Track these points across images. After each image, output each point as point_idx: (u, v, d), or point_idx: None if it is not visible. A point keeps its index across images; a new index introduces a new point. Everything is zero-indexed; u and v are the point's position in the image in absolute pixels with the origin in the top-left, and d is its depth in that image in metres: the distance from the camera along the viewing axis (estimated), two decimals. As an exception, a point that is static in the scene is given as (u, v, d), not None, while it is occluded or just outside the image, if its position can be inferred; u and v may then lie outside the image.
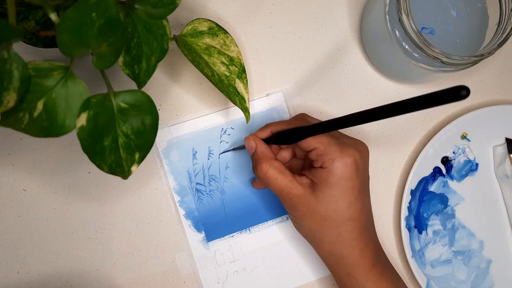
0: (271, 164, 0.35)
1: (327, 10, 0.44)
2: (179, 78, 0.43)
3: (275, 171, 0.35)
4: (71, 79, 0.28)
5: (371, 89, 0.43)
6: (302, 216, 0.35)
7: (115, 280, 0.42)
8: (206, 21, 0.37)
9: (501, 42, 0.34)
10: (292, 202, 0.35)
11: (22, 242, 0.42)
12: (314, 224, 0.35)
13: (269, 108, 0.43)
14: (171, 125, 0.42)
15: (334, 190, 0.33)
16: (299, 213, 0.35)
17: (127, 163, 0.32)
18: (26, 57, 0.27)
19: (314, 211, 0.34)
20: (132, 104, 0.31)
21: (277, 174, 0.35)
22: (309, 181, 0.35)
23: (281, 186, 0.35)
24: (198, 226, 0.42)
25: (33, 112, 0.28)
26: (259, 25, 0.43)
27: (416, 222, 0.42)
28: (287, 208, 0.36)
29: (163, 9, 0.32)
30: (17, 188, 0.42)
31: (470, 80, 0.44)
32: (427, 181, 0.42)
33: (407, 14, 0.33)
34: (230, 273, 0.42)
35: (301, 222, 0.35)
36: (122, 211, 0.42)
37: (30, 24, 0.35)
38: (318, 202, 0.34)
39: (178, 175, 0.42)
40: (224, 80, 0.38)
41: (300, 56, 0.43)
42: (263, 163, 0.35)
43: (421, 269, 0.42)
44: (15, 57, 0.26)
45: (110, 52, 0.29)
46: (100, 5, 0.26)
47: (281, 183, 0.35)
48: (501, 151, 0.43)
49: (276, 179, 0.35)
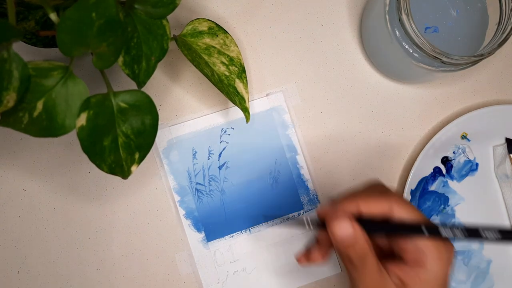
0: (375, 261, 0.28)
1: (327, 10, 0.44)
2: (179, 78, 0.43)
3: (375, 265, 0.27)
4: (71, 79, 0.29)
5: (371, 89, 0.43)
6: None
7: (115, 280, 0.42)
8: (206, 21, 0.37)
9: (501, 42, 0.34)
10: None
11: (22, 242, 0.42)
12: None
13: (269, 108, 0.43)
14: (171, 125, 0.42)
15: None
16: None
17: (127, 163, 0.32)
18: (26, 57, 0.27)
19: None
20: (132, 104, 0.31)
21: (375, 267, 0.28)
22: (397, 281, 0.28)
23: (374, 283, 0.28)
24: (198, 226, 0.42)
25: (33, 112, 0.28)
26: (259, 25, 0.43)
27: (416, 222, 0.42)
28: None
29: (163, 9, 0.32)
30: (17, 188, 0.42)
31: (470, 80, 0.44)
32: (427, 181, 0.42)
33: (407, 14, 0.33)
34: (230, 273, 0.42)
35: None
36: (122, 211, 0.42)
37: (30, 24, 0.35)
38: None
39: (178, 175, 0.42)
40: (224, 80, 0.38)
41: (300, 56, 0.43)
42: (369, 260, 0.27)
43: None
44: (15, 57, 0.26)
45: (110, 52, 0.29)
46: (99, 5, 0.26)
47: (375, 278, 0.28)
48: (501, 151, 0.43)
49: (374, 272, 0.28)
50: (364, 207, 0.28)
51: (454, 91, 0.44)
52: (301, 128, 0.43)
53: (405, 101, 0.44)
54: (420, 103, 0.44)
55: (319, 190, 0.43)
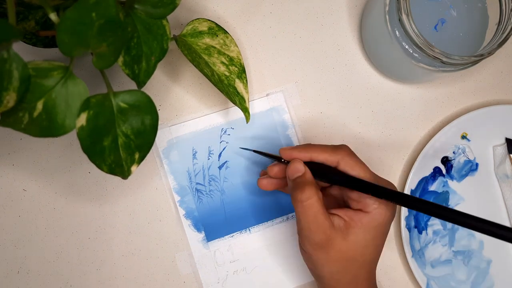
0: (319, 195, 0.32)
1: (327, 10, 0.43)
2: (179, 78, 0.43)
3: (320, 205, 0.32)
4: (71, 79, 0.28)
5: (371, 89, 0.43)
6: (327, 259, 0.32)
7: (115, 280, 0.42)
8: (206, 21, 0.37)
9: (501, 42, 0.34)
10: (322, 243, 0.32)
11: (22, 242, 0.42)
12: (336, 267, 0.32)
13: (269, 108, 0.43)
14: (171, 125, 0.42)
15: (369, 235, 0.32)
16: (324, 256, 0.32)
17: (127, 163, 0.32)
18: (26, 57, 0.27)
19: (342, 253, 0.32)
20: (132, 104, 0.31)
21: (320, 208, 0.32)
22: (342, 222, 0.32)
23: (318, 222, 0.31)
24: (198, 226, 0.42)
25: (33, 112, 0.28)
26: (259, 25, 0.43)
27: (416, 222, 0.42)
28: (312, 248, 0.32)
29: (163, 9, 0.32)
30: (17, 188, 0.42)
31: (470, 80, 0.44)
32: (427, 181, 0.42)
33: (407, 14, 0.33)
34: (230, 273, 0.42)
35: (323, 264, 0.33)
36: (122, 211, 0.42)
37: (30, 24, 0.35)
38: (349, 245, 0.32)
39: (178, 175, 0.42)
40: (224, 80, 0.38)
41: (300, 56, 0.43)
42: (311, 190, 0.32)
43: (421, 269, 0.42)
44: (15, 57, 0.26)
45: (110, 52, 0.29)
46: (99, 5, 0.26)
47: (319, 219, 0.31)
48: (501, 151, 0.43)
49: (317, 213, 0.31)
50: (315, 157, 0.34)
51: (454, 91, 0.44)
52: (301, 128, 0.43)
53: (405, 101, 0.44)
54: (420, 103, 0.44)
55: (319, 190, 0.43)
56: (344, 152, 0.33)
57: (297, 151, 0.34)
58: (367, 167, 0.33)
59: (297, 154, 0.34)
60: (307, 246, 0.33)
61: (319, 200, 0.32)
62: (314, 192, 0.32)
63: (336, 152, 0.33)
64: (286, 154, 0.35)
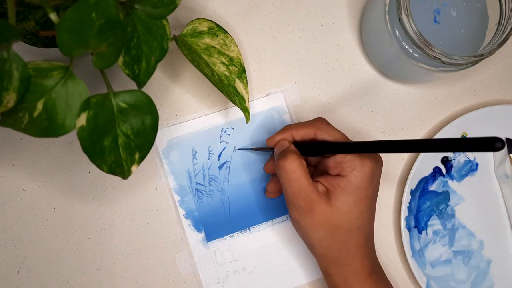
0: (301, 161, 0.34)
1: (327, 10, 0.43)
2: (179, 78, 0.43)
3: (302, 170, 0.33)
4: (71, 79, 0.28)
5: (371, 89, 0.43)
6: (313, 223, 0.34)
7: (115, 280, 0.42)
8: (206, 21, 0.37)
9: (501, 42, 0.34)
10: (307, 207, 0.33)
11: (22, 242, 0.42)
12: (324, 233, 0.34)
13: (269, 108, 0.43)
14: (171, 125, 0.42)
15: (350, 199, 0.33)
16: (311, 220, 0.34)
17: (127, 163, 0.32)
18: (26, 57, 0.27)
19: (327, 219, 0.33)
20: (132, 104, 0.31)
21: (303, 173, 0.33)
22: (324, 188, 0.34)
23: (301, 187, 0.33)
24: (198, 226, 0.42)
25: (33, 112, 0.28)
26: (259, 25, 0.43)
27: (416, 222, 0.42)
28: (298, 214, 0.34)
29: (163, 9, 0.32)
30: (17, 188, 0.42)
31: (470, 80, 0.44)
32: (427, 181, 0.42)
33: (407, 14, 0.33)
34: (230, 273, 0.42)
35: (311, 229, 0.34)
36: (122, 211, 0.42)
37: (30, 24, 0.35)
38: (333, 210, 0.33)
39: (178, 175, 0.42)
40: (224, 80, 0.38)
41: (300, 56, 0.43)
42: (293, 157, 0.34)
43: (421, 269, 0.42)
44: (15, 57, 0.26)
45: (110, 52, 0.29)
46: (99, 5, 0.26)
47: (303, 184, 0.33)
48: (501, 151, 0.43)
49: (300, 177, 0.33)
50: (295, 134, 0.37)
51: (454, 91, 0.44)
52: (301, 128, 0.43)
53: (405, 101, 0.44)
54: (420, 103, 0.44)
55: (319, 190, 0.43)
56: (319, 122, 0.36)
57: (278, 135, 0.37)
58: (342, 132, 0.36)
59: (279, 137, 0.37)
60: (294, 212, 0.34)
61: (301, 166, 0.34)
62: (296, 158, 0.34)
63: (312, 124, 0.36)
64: (271, 142, 0.37)
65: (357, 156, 0.33)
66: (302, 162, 0.34)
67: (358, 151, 0.33)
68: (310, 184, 0.33)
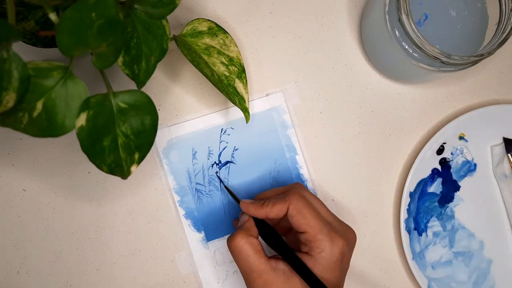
0: (249, 239, 0.33)
1: (327, 10, 0.43)
2: (179, 78, 0.43)
3: (251, 248, 0.32)
4: (71, 79, 0.28)
5: (371, 89, 0.43)
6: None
7: (115, 280, 0.42)
8: (205, 21, 0.37)
9: (501, 42, 0.34)
10: (257, 287, 0.32)
11: (22, 242, 0.42)
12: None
13: (269, 108, 0.43)
14: (171, 125, 0.42)
15: None
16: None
17: (126, 163, 0.32)
18: (25, 57, 0.27)
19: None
20: (132, 104, 0.31)
21: (252, 251, 0.32)
22: (285, 268, 0.32)
23: (251, 266, 0.32)
24: (197, 226, 0.42)
25: (33, 112, 0.28)
26: (259, 25, 0.43)
27: (416, 224, 0.42)
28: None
29: (162, 9, 0.32)
30: (17, 188, 0.42)
31: (470, 80, 0.44)
32: (426, 183, 0.42)
33: (407, 14, 0.33)
34: (229, 272, 0.42)
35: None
36: (122, 211, 0.42)
37: (30, 24, 0.35)
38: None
39: (178, 175, 0.42)
40: (224, 80, 0.38)
41: (300, 56, 0.43)
42: (240, 234, 0.33)
43: (422, 271, 0.42)
44: (14, 57, 0.26)
45: (109, 52, 0.29)
46: (99, 5, 0.26)
47: (253, 263, 0.32)
48: (499, 150, 0.43)
49: (248, 256, 0.32)
50: (270, 214, 0.34)
51: (453, 91, 0.44)
52: (300, 128, 0.43)
53: (405, 101, 0.44)
54: (420, 103, 0.44)
55: (318, 190, 0.43)
56: (293, 196, 0.34)
57: (253, 207, 0.35)
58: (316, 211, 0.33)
59: (253, 211, 0.35)
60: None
61: (250, 244, 0.32)
62: (244, 236, 0.33)
63: (285, 200, 0.34)
64: (244, 207, 0.35)
65: (327, 236, 0.32)
66: (251, 240, 0.33)
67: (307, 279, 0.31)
68: (262, 263, 0.32)
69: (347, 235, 0.34)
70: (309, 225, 0.32)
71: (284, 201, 0.34)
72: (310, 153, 0.43)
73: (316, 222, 0.33)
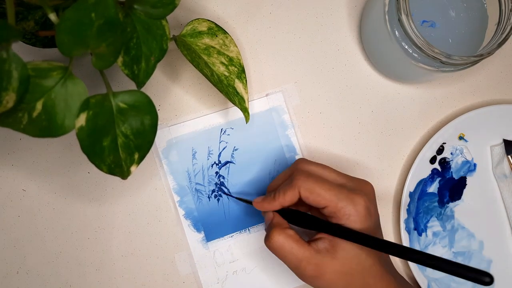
0: (285, 233, 0.33)
1: (326, 10, 0.43)
2: (179, 78, 0.43)
3: (291, 241, 0.33)
4: (70, 79, 0.28)
5: (370, 89, 0.43)
6: (327, 283, 0.33)
7: (115, 280, 0.42)
8: (205, 21, 0.37)
9: (500, 42, 0.34)
10: (314, 273, 0.32)
11: (21, 242, 0.42)
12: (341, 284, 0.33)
13: (269, 108, 0.43)
14: (170, 125, 0.42)
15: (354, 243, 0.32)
16: (323, 281, 0.32)
17: (126, 163, 0.32)
18: (25, 57, 0.27)
19: (339, 272, 0.32)
20: (131, 104, 0.31)
21: (293, 244, 0.33)
22: (326, 244, 0.33)
23: (298, 257, 0.32)
24: (197, 226, 0.42)
25: (32, 112, 0.28)
26: (259, 25, 0.43)
27: (416, 224, 0.42)
28: (309, 281, 0.33)
29: (162, 9, 0.32)
30: (16, 188, 0.42)
31: (469, 80, 0.44)
32: (426, 183, 0.42)
33: (407, 14, 0.33)
34: (229, 273, 0.42)
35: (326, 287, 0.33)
36: (122, 211, 0.42)
37: (29, 24, 0.35)
38: (341, 261, 0.32)
39: (177, 175, 0.42)
40: (224, 80, 0.38)
41: (300, 56, 0.43)
42: (276, 232, 0.33)
43: (421, 271, 0.42)
44: (14, 57, 0.26)
45: (109, 52, 0.29)
46: (99, 5, 0.26)
47: (298, 254, 0.32)
48: (499, 150, 0.43)
49: (291, 249, 0.32)
50: (282, 201, 0.34)
51: (453, 91, 0.44)
52: (300, 128, 0.43)
53: (405, 101, 0.44)
54: (420, 103, 0.44)
55: (319, 190, 0.43)
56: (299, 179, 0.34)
57: (266, 203, 0.35)
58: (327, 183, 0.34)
59: (268, 207, 0.35)
60: (305, 280, 0.33)
61: (289, 237, 0.33)
62: (279, 232, 0.33)
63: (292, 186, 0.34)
64: (259, 206, 0.36)
65: (347, 201, 0.32)
66: (288, 232, 0.33)
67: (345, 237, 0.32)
68: (306, 250, 0.32)
69: (364, 189, 0.34)
70: (326, 199, 0.33)
71: (292, 187, 0.34)
72: (309, 153, 0.43)
73: (331, 193, 0.33)
